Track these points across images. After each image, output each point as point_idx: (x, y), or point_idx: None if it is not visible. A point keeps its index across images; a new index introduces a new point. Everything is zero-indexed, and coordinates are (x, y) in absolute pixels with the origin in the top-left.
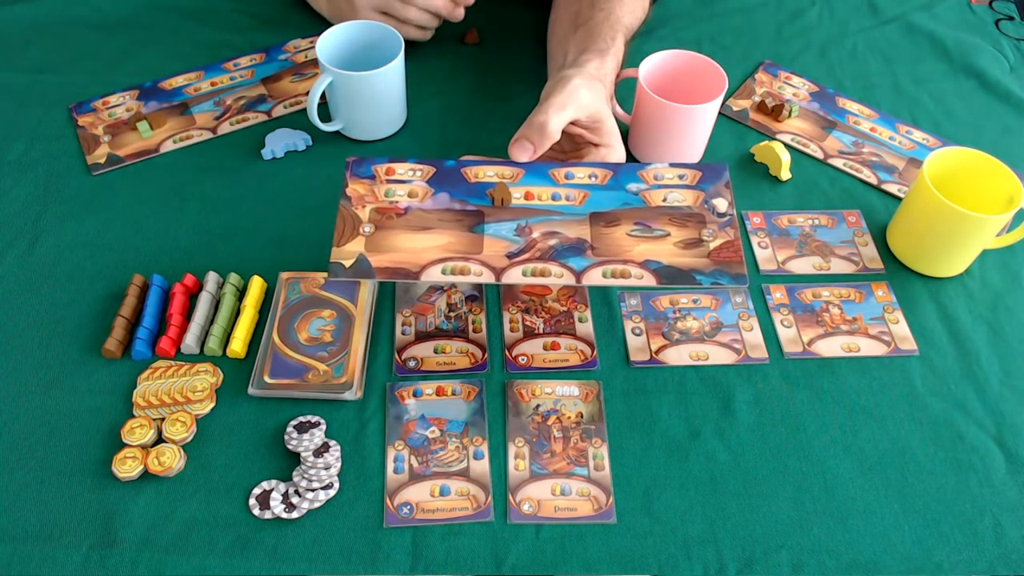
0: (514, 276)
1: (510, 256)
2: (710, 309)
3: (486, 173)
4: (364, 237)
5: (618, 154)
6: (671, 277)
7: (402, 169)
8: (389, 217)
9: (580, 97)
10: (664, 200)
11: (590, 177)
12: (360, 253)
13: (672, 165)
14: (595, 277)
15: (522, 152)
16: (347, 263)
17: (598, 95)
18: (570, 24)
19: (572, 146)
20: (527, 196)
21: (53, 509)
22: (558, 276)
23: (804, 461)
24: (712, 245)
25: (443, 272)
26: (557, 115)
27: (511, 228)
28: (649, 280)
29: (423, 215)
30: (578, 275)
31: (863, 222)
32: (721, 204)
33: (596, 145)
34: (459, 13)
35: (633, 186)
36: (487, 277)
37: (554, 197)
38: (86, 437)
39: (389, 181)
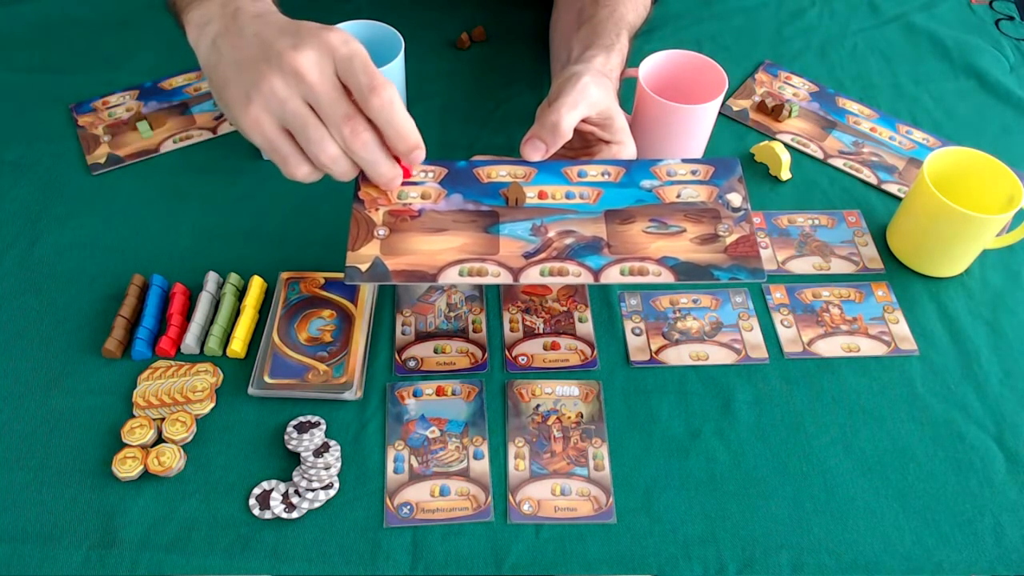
0: (532, 276)
1: (527, 256)
2: (710, 309)
3: (498, 173)
4: (379, 240)
5: (629, 150)
6: (689, 273)
7: (414, 170)
8: (403, 219)
9: (590, 94)
10: (678, 196)
11: (603, 175)
12: (376, 256)
13: (684, 161)
14: (613, 275)
15: (534, 151)
16: (363, 267)
17: (607, 91)
18: (574, 21)
19: (582, 143)
20: (541, 195)
21: (53, 509)
22: (576, 275)
23: (804, 461)
24: (728, 240)
25: (460, 274)
26: (569, 114)
27: (526, 228)
28: (667, 277)
29: (437, 216)
30: (596, 274)
31: (863, 222)
32: (735, 199)
33: (607, 142)
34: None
35: (647, 183)
36: (505, 278)
37: (568, 196)
38: (86, 437)
39: (401, 183)
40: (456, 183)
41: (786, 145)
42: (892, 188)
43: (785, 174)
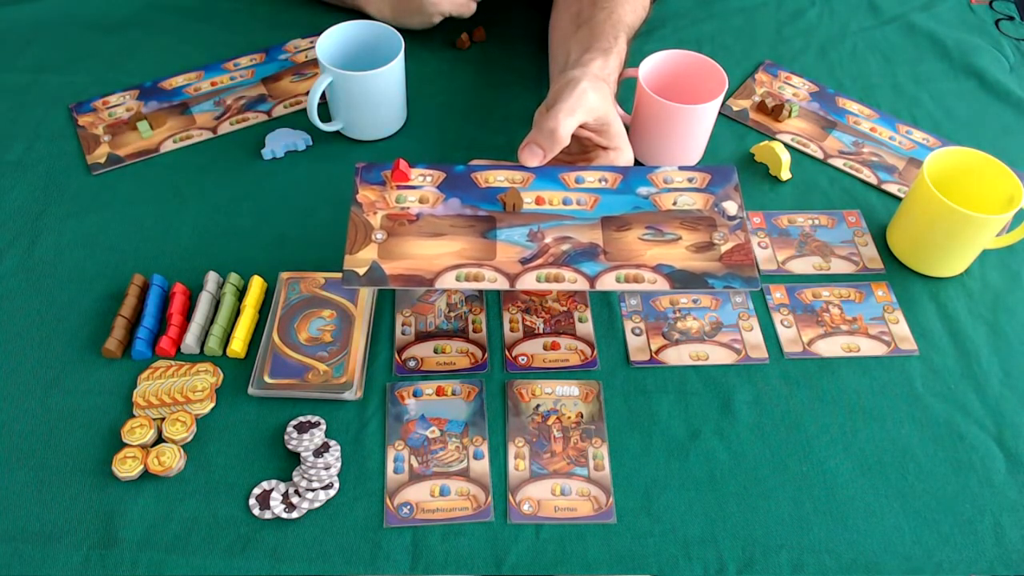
0: (528, 282)
1: (523, 262)
2: (710, 309)
3: (496, 178)
4: (377, 244)
5: (626, 156)
6: (684, 281)
7: (412, 175)
8: (401, 224)
9: (588, 100)
10: (674, 204)
11: (600, 181)
12: (373, 260)
13: (681, 168)
14: (608, 282)
15: (532, 157)
16: (361, 271)
17: (605, 97)
18: (571, 23)
19: (579, 148)
20: (538, 201)
21: (53, 509)
22: (572, 282)
23: (804, 461)
24: (723, 248)
25: (457, 279)
26: (567, 120)
27: (523, 233)
28: (662, 284)
29: (435, 221)
30: (592, 280)
31: (863, 222)
32: (731, 207)
33: (604, 148)
34: None
35: (643, 190)
36: (501, 283)
37: (565, 202)
38: (86, 437)
39: (400, 187)
40: (454, 188)
41: (786, 145)
42: (892, 188)
43: (785, 174)
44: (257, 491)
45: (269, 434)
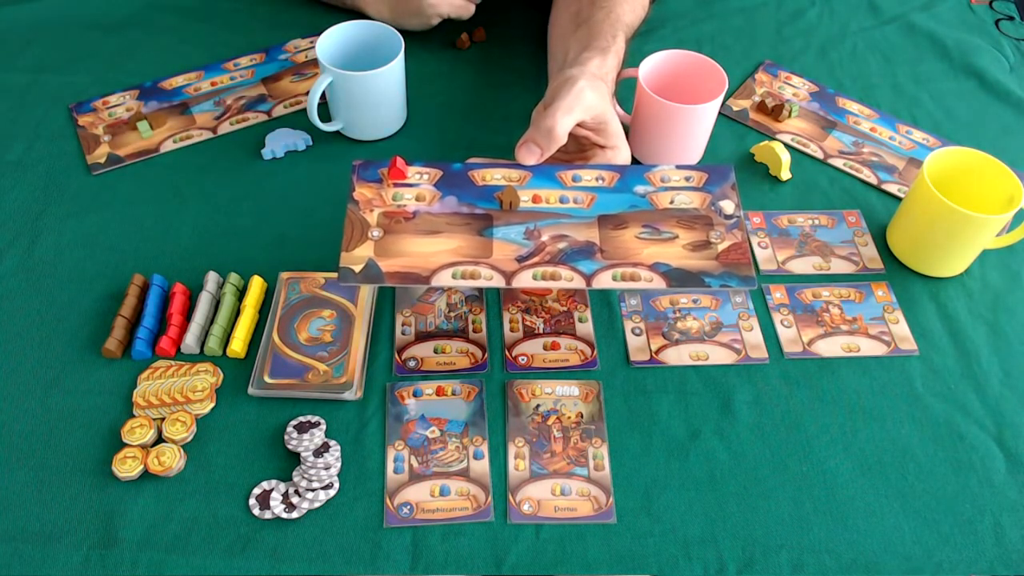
0: (524, 280)
1: (519, 260)
2: (710, 309)
3: (493, 176)
4: (373, 242)
5: (624, 155)
6: (680, 280)
7: (409, 172)
8: (397, 221)
9: (586, 99)
10: (671, 202)
11: (597, 179)
12: (369, 258)
13: (678, 167)
14: (605, 280)
15: (529, 155)
16: (357, 268)
17: (602, 96)
18: (570, 22)
19: (577, 147)
20: (535, 199)
21: (53, 509)
22: (568, 280)
23: (804, 461)
24: (720, 247)
25: (453, 276)
26: (564, 118)
27: (520, 231)
28: (659, 283)
29: (432, 219)
30: (588, 278)
31: (863, 222)
32: (728, 206)
33: (601, 147)
34: None
35: (640, 188)
36: (497, 281)
37: (562, 200)
38: (86, 437)
39: (396, 185)
40: (451, 185)
41: (786, 145)
42: (892, 188)
43: (785, 174)
44: (257, 491)
45: (269, 434)
